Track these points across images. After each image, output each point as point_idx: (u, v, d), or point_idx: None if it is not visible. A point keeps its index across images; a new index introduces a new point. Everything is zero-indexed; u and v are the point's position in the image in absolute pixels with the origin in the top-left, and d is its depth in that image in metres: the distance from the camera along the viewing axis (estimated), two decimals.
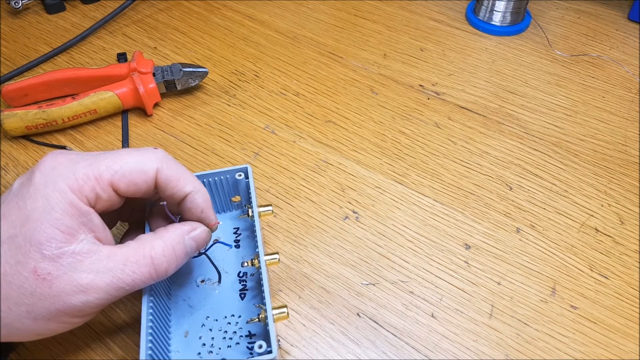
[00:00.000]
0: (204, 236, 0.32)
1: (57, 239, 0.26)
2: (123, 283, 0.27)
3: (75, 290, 0.26)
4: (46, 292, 0.26)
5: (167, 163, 0.30)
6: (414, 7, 0.64)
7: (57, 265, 0.26)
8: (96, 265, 0.27)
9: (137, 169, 0.29)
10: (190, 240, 0.31)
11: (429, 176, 0.45)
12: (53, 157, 0.28)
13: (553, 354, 0.35)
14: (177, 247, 0.30)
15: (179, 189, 0.31)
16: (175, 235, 0.30)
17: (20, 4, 0.61)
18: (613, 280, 0.38)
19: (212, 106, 0.52)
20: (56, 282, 0.26)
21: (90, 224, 0.28)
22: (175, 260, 0.30)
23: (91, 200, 0.28)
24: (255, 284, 0.35)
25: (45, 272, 0.26)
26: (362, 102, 0.52)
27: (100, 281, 0.27)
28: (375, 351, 0.35)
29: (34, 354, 0.34)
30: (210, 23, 0.61)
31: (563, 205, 0.43)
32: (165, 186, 0.30)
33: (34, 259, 0.26)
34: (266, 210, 0.36)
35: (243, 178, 0.37)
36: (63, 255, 0.26)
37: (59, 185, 0.27)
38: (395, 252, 0.40)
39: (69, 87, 0.51)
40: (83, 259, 0.27)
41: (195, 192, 0.31)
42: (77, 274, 0.26)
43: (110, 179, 0.28)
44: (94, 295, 0.27)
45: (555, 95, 0.53)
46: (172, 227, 0.31)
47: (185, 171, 0.31)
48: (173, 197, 0.31)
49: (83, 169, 0.28)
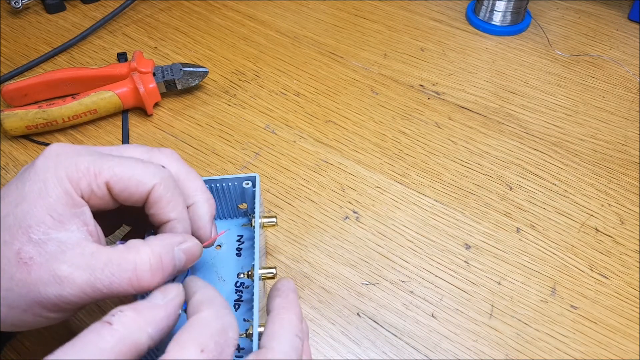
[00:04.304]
0: (195, 250, 0.30)
1: (46, 224, 0.26)
2: (100, 284, 0.26)
3: (52, 280, 0.26)
4: (24, 279, 0.25)
5: (167, 183, 0.29)
6: (414, 7, 0.64)
7: (41, 250, 0.26)
8: (78, 260, 0.26)
9: (137, 179, 0.28)
10: (181, 253, 0.28)
11: (429, 176, 0.45)
12: (60, 145, 0.28)
13: (553, 354, 0.35)
14: (165, 256, 0.27)
15: (163, 212, 0.29)
16: (164, 244, 0.28)
17: (21, 4, 0.61)
18: (613, 280, 0.38)
19: (212, 106, 0.52)
20: (36, 268, 0.26)
21: (83, 217, 0.27)
22: (161, 271, 0.27)
23: (85, 195, 0.28)
24: (250, 296, 0.34)
25: (27, 256, 0.26)
26: (363, 102, 0.52)
27: (77, 276, 0.26)
28: (376, 351, 0.35)
29: (34, 354, 0.34)
30: (210, 23, 0.61)
31: (563, 205, 0.43)
32: (152, 204, 0.29)
33: (20, 240, 0.26)
34: (270, 221, 0.35)
35: (250, 187, 0.36)
36: (49, 242, 0.26)
37: (59, 172, 0.27)
38: (395, 252, 0.40)
39: (69, 86, 0.51)
40: (67, 249, 0.26)
41: (178, 220, 0.30)
42: (57, 264, 0.26)
43: (108, 179, 0.28)
44: (68, 290, 0.26)
45: (555, 95, 0.53)
46: (163, 236, 0.29)
47: (178, 197, 0.30)
48: (154, 217, 0.30)
49: (85, 162, 0.28)
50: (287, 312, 0.28)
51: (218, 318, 0.26)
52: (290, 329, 0.27)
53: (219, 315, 0.26)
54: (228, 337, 0.25)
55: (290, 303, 0.28)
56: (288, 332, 0.27)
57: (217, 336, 0.25)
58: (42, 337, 0.35)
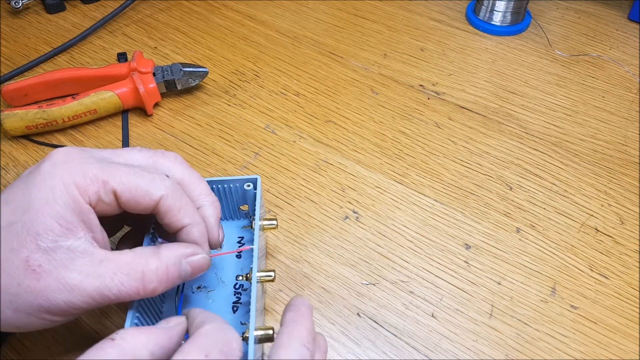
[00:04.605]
0: (203, 264, 0.30)
1: (54, 232, 0.26)
2: (109, 292, 0.27)
3: (62, 288, 0.26)
4: (33, 285, 0.26)
5: (174, 193, 0.30)
6: (414, 7, 0.64)
7: (50, 258, 0.26)
8: (87, 268, 0.27)
9: (144, 189, 0.29)
10: (187, 265, 0.29)
11: (429, 176, 0.45)
12: (66, 151, 0.28)
13: (553, 354, 0.35)
14: (171, 268, 0.28)
15: (177, 219, 0.30)
16: (173, 256, 0.29)
17: (21, 4, 0.61)
18: (613, 280, 0.38)
19: (212, 106, 0.52)
20: (45, 276, 0.26)
21: (90, 224, 0.28)
22: (167, 281, 0.28)
23: (93, 202, 0.28)
24: (249, 299, 0.34)
25: (36, 264, 0.26)
26: (362, 102, 0.52)
27: (88, 284, 0.26)
28: (376, 351, 0.35)
29: (34, 354, 0.34)
30: (210, 23, 0.61)
31: (563, 205, 0.43)
32: (164, 214, 0.30)
33: (28, 248, 0.26)
34: (270, 224, 0.35)
35: (251, 189, 0.36)
36: (58, 250, 0.26)
37: (66, 179, 0.27)
38: (395, 252, 0.40)
39: (69, 86, 0.51)
40: (76, 257, 0.26)
41: (192, 225, 0.30)
42: (67, 272, 0.26)
43: (116, 188, 0.28)
44: (79, 297, 0.26)
45: (555, 95, 0.53)
46: (173, 246, 0.30)
47: (188, 202, 0.30)
48: (169, 226, 0.30)
49: (94, 169, 0.28)
50: (297, 324, 0.28)
51: (221, 330, 0.26)
52: (299, 340, 0.27)
53: (221, 328, 0.27)
54: (232, 348, 0.26)
55: (302, 317, 0.29)
56: (296, 342, 0.27)
57: (221, 345, 0.26)
58: (42, 337, 0.35)
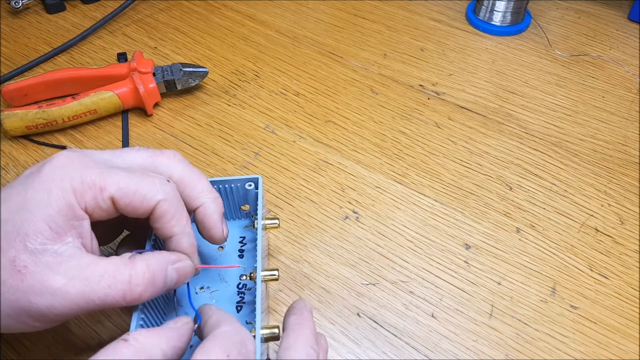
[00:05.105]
0: (189, 271, 0.31)
1: (43, 235, 0.26)
2: (95, 296, 0.26)
3: (44, 291, 0.26)
4: (16, 286, 0.26)
5: (172, 199, 0.30)
6: (414, 7, 0.64)
7: (36, 260, 0.26)
8: (73, 271, 0.26)
9: (142, 194, 0.29)
10: (173, 271, 0.29)
11: (429, 176, 0.45)
12: (67, 155, 0.28)
13: (553, 354, 0.35)
14: (157, 274, 0.28)
15: (168, 226, 0.30)
16: (159, 262, 0.29)
17: (21, 4, 0.61)
18: (613, 280, 0.38)
19: (212, 106, 0.52)
20: (29, 277, 0.26)
21: (81, 229, 0.28)
22: (152, 287, 0.28)
23: (90, 208, 0.28)
24: (253, 298, 0.34)
25: (22, 265, 0.26)
26: (362, 102, 0.52)
27: (71, 287, 0.26)
28: (375, 351, 0.35)
29: (34, 354, 0.34)
30: (210, 23, 0.61)
31: (563, 205, 0.43)
32: (156, 218, 0.29)
33: (16, 248, 0.26)
34: (272, 223, 0.35)
35: (253, 188, 0.36)
36: (45, 252, 0.26)
37: (64, 183, 0.27)
38: (395, 252, 0.40)
39: (69, 86, 0.51)
40: (63, 261, 0.26)
41: (182, 234, 0.30)
42: (52, 275, 0.26)
43: (113, 193, 0.28)
44: (61, 302, 0.26)
45: (555, 95, 0.53)
46: (159, 253, 0.30)
47: (182, 212, 0.30)
48: (158, 231, 0.30)
49: (92, 175, 0.28)
50: (302, 327, 0.29)
51: (237, 332, 0.27)
52: (305, 342, 0.28)
53: (237, 329, 0.27)
54: (248, 349, 0.27)
55: (305, 320, 0.29)
56: (303, 344, 0.28)
57: (240, 346, 0.26)
58: (42, 337, 0.35)
